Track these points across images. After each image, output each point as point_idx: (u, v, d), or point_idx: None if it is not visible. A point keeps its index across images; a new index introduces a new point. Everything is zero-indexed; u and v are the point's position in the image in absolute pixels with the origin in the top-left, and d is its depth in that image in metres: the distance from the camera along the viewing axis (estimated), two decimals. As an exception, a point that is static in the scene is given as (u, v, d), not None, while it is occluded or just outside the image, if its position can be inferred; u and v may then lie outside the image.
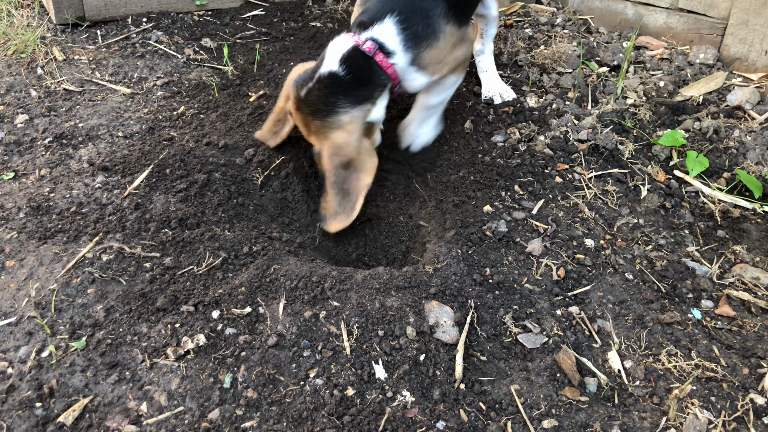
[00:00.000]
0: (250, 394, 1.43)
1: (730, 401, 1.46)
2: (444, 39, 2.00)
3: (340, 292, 1.67)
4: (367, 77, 1.95)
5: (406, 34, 1.95)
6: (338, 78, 1.92)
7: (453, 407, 1.42)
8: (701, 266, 1.83)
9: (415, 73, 2.01)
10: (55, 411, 1.39)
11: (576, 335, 1.61)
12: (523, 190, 2.07)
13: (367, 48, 1.93)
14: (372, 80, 1.96)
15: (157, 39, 3.04)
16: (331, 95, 1.93)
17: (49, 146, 2.28)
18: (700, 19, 2.82)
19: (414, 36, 1.95)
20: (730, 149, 2.25)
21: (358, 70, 1.93)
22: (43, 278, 1.71)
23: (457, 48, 2.07)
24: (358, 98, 1.95)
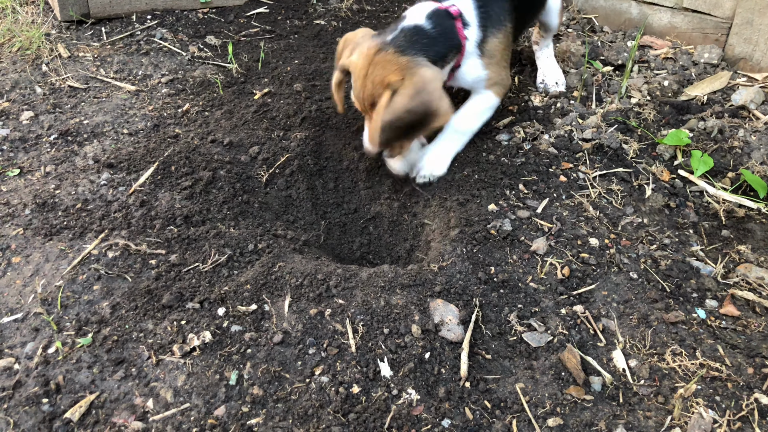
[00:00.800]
0: (256, 391, 1.44)
1: (734, 401, 1.46)
2: (505, 34, 2.08)
3: (345, 290, 1.67)
4: (450, 35, 2.00)
5: (482, 13, 2.05)
6: (423, 30, 1.96)
7: (458, 405, 1.43)
8: (706, 266, 1.84)
9: (476, 58, 2.08)
10: (61, 407, 1.40)
11: (581, 334, 1.62)
12: (527, 189, 2.07)
13: (453, 10, 2.01)
14: (452, 39, 2.01)
15: (161, 36, 3.04)
16: (417, 42, 1.93)
17: (55, 143, 2.28)
18: (704, 19, 2.81)
19: (487, 17, 2.05)
20: (735, 149, 2.25)
21: (442, 27, 1.98)
22: (49, 275, 1.72)
23: (507, 52, 2.12)
24: (438, 53, 1.97)
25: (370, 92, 1.90)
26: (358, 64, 1.92)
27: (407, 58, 1.88)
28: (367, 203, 2.25)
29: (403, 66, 1.86)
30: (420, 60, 1.89)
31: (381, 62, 1.88)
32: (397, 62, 1.87)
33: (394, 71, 1.86)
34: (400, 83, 1.84)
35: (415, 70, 1.86)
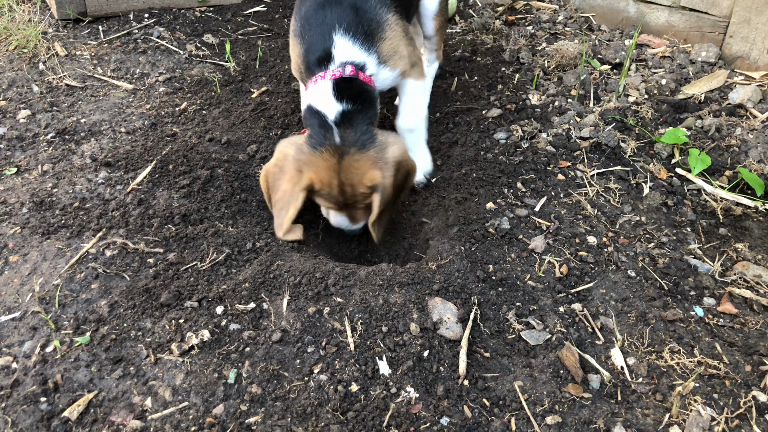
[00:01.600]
0: (255, 389, 1.43)
1: (732, 398, 1.47)
2: (390, 28, 1.95)
3: (343, 288, 1.67)
4: (368, 95, 1.89)
5: (360, 39, 1.89)
6: (351, 112, 1.83)
7: (457, 403, 1.43)
8: (703, 264, 1.84)
9: (382, 69, 1.96)
10: (59, 406, 1.40)
11: (579, 332, 1.62)
12: (525, 188, 2.07)
13: (349, 72, 1.86)
14: (372, 95, 1.90)
15: (158, 35, 3.04)
16: (360, 125, 1.84)
17: (52, 142, 2.28)
18: (702, 17, 2.82)
19: (366, 39, 1.90)
20: (732, 147, 2.26)
21: (360, 94, 1.86)
22: (46, 273, 1.72)
23: (408, 38, 2.03)
24: (374, 115, 1.90)
25: (350, 195, 1.86)
26: (325, 178, 1.82)
27: (371, 150, 1.83)
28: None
29: (374, 160, 1.83)
30: (380, 139, 1.85)
31: (352, 167, 1.82)
32: (366, 159, 1.82)
33: (369, 170, 1.82)
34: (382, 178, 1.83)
35: (388, 156, 1.85)
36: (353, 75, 1.86)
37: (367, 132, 1.84)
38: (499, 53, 2.95)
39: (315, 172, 1.82)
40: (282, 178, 1.87)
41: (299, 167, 1.83)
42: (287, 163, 1.86)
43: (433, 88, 2.69)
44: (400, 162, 1.87)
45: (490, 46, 3.02)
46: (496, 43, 3.07)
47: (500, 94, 2.61)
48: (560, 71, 2.77)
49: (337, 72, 1.85)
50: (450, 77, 2.77)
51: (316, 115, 1.84)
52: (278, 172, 1.88)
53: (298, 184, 1.83)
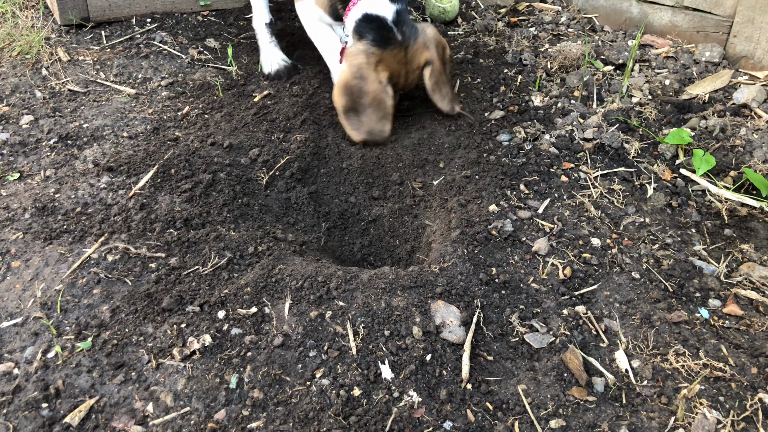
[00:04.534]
0: (257, 394, 1.43)
1: (738, 401, 1.45)
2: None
3: (345, 292, 1.67)
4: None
5: None
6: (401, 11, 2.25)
7: (460, 407, 1.42)
8: (708, 265, 1.83)
9: None
10: (61, 412, 1.39)
11: (583, 335, 1.61)
12: (528, 189, 2.06)
13: None
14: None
15: (161, 39, 3.04)
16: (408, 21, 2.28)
17: (54, 147, 2.28)
18: (705, 17, 2.80)
19: None
20: (737, 147, 2.24)
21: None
22: (48, 279, 1.71)
23: None
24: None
25: (413, 78, 2.35)
26: (397, 70, 2.29)
27: (420, 38, 2.30)
28: (367, 205, 2.24)
29: (423, 44, 2.31)
30: (419, 27, 2.32)
31: (413, 56, 2.30)
32: (419, 45, 2.30)
33: (423, 52, 2.31)
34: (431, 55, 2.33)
35: (428, 39, 2.32)
36: None
37: (413, 25, 2.30)
38: (501, 55, 2.94)
39: (391, 67, 2.25)
40: (366, 82, 2.23)
41: (378, 68, 2.23)
42: (365, 69, 2.23)
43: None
44: (437, 38, 2.36)
45: (493, 48, 3.01)
46: (499, 44, 3.06)
47: (503, 95, 2.60)
48: (563, 72, 2.76)
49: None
50: (453, 79, 2.76)
51: (375, 20, 2.23)
52: (360, 80, 2.23)
53: (383, 81, 2.24)
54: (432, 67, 2.32)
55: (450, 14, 3.36)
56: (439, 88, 2.36)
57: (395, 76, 2.28)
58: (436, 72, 2.33)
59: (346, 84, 2.25)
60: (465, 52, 2.99)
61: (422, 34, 2.31)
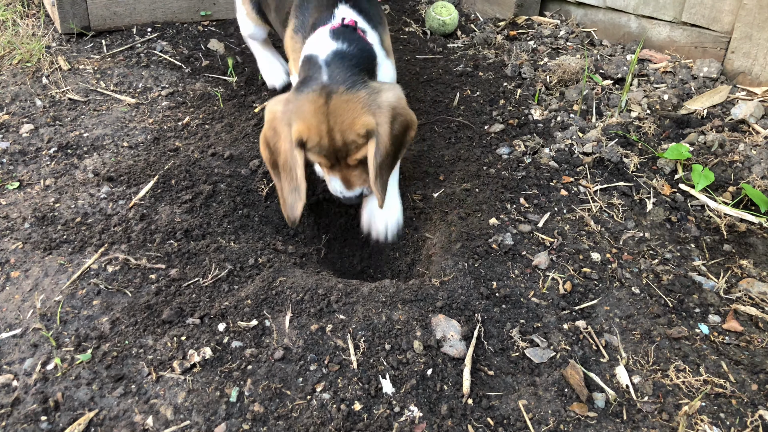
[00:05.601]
0: (257, 408, 1.42)
1: (739, 417, 1.45)
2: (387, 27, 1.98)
3: (346, 305, 1.66)
4: (363, 45, 1.80)
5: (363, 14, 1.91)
6: (344, 52, 1.73)
7: (461, 422, 1.41)
8: (708, 280, 1.83)
9: (384, 58, 1.92)
10: (60, 425, 1.38)
11: (583, 350, 1.61)
12: (528, 203, 2.07)
13: (348, 21, 1.82)
14: (369, 50, 1.82)
15: (161, 49, 3.05)
16: (352, 66, 1.71)
17: (54, 156, 2.28)
18: (703, 33, 2.83)
19: (368, 16, 1.92)
20: (735, 163, 2.25)
21: (354, 42, 1.77)
22: (48, 289, 1.71)
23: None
24: (370, 68, 1.79)
25: (341, 144, 1.69)
26: (312, 124, 1.66)
27: (362, 92, 1.67)
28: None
29: (365, 102, 1.66)
30: (372, 84, 1.72)
31: (340, 108, 1.65)
32: (357, 100, 1.66)
33: (361, 113, 1.66)
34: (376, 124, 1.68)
35: (381, 101, 1.69)
36: (353, 25, 1.83)
37: (359, 74, 1.69)
38: (500, 68, 2.95)
39: (302, 119, 1.66)
40: (278, 138, 1.72)
41: (288, 120, 1.68)
42: (277, 121, 1.71)
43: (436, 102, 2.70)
44: (396, 108, 1.69)
45: (492, 61, 3.03)
46: (498, 58, 3.08)
47: (502, 109, 2.61)
48: (562, 86, 2.78)
49: (336, 23, 1.82)
50: (452, 92, 2.78)
51: (307, 62, 1.74)
52: (273, 134, 1.73)
53: (292, 140, 1.67)
54: (376, 145, 1.66)
55: (449, 27, 3.38)
56: (380, 178, 1.71)
57: (312, 131, 1.66)
58: (382, 151, 1.67)
59: (264, 135, 1.77)
60: (464, 65, 3.01)
61: (370, 90, 1.68)
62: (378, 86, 1.72)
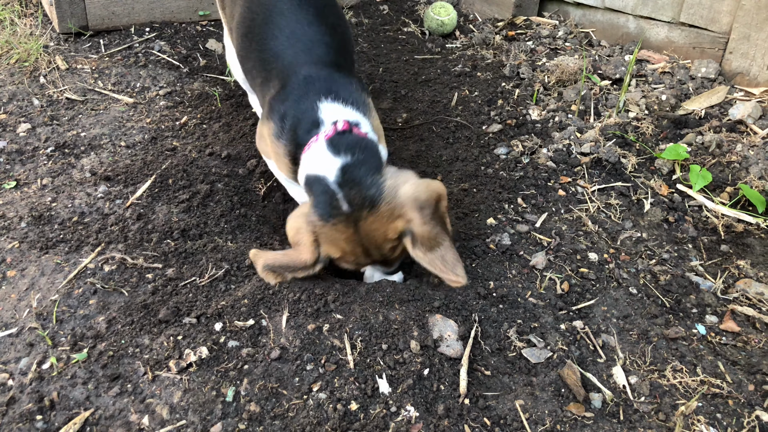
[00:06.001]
0: (253, 407, 1.42)
1: (736, 418, 1.45)
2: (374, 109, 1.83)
3: (343, 305, 1.66)
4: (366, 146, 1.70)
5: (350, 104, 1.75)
6: (352, 165, 1.65)
7: (457, 422, 1.41)
8: (705, 281, 1.83)
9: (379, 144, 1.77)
10: (55, 424, 1.38)
11: (580, 350, 1.61)
12: (526, 203, 2.07)
13: (342, 126, 1.69)
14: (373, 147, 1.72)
15: (160, 49, 3.04)
16: (364, 179, 1.63)
17: (52, 155, 2.27)
18: (701, 34, 2.83)
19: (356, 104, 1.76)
20: (733, 163, 2.25)
21: (357, 148, 1.67)
22: (44, 289, 1.70)
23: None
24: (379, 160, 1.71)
25: (380, 254, 1.69)
26: (348, 250, 1.67)
27: (383, 203, 1.62)
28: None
29: (390, 212, 1.63)
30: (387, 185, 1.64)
31: (371, 230, 1.64)
32: (383, 215, 1.62)
33: (389, 223, 1.63)
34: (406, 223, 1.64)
35: (403, 200, 1.63)
36: (347, 129, 1.69)
37: (373, 185, 1.62)
38: (499, 68, 2.95)
39: (334, 245, 1.66)
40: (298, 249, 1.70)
41: (315, 238, 1.66)
42: (301, 235, 1.68)
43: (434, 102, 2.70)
44: (418, 196, 1.64)
45: (491, 62, 3.03)
46: (496, 58, 3.08)
47: (500, 109, 2.61)
48: (560, 86, 2.78)
49: (329, 131, 1.68)
50: (450, 92, 2.78)
51: (316, 182, 1.66)
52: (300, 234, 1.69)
53: (316, 256, 1.67)
54: (412, 238, 1.63)
55: (448, 27, 3.38)
56: (435, 254, 1.65)
57: (347, 254, 1.68)
58: (425, 240, 1.63)
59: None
60: (462, 66, 3.01)
61: (389, 196, 1.62)
62: (393, 185, 1.65)
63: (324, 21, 1.91)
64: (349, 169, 1.63)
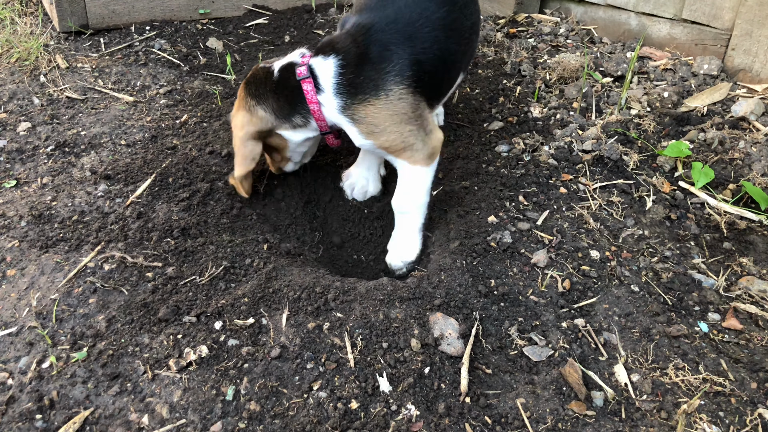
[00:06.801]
0: (253, 406, 1.41)
1: (738, 416, 1.44)
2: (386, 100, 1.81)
3: (343, 304, 1.66)
4: (291, 97, 1.90)
5: (341, 78, 1.83)
6: (270, 81, 1.93)
7: (458, 421, 1.40)
8: (707, 278, 1.82)
9: (349, 124, 1.86)
10: (55, 423, 1.38)
11: (582, 348, 1.60)
12: (527, 201, 2.06)
13: (299, 71, 1.87)
14: (294, 103, 1.91)
15: (160, 47, 3.04)
16: (257, 89, 1.95)
17: (52, 154, 2.27)
18: (704, 30, 2.81)
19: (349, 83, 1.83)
20: (736, 160, 2.24)
21: (284, 85, 1.91)
22: (44, 288, 1.70)
23: (409, 123, 1.83)
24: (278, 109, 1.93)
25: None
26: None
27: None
28: (365, 214, 2.23)
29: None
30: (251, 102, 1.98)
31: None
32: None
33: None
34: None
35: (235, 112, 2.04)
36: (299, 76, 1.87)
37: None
38: (500, 66, 2.94)
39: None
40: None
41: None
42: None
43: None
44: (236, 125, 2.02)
45: (492, 59, 3.02)
46: (498, 55, 3.06)
47: (502, 106, 2.60)
48: (562, 84, 2.76)
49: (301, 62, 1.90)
50: (451, 90, 2.76)
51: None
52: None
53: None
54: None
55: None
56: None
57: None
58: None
59: None
60: (464, 63, 2.99)
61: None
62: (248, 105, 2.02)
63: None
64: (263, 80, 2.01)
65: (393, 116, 1.81)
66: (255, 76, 1.98)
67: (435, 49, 1.87)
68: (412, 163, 1.88)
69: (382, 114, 1.81)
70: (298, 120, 1.94)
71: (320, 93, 1.86)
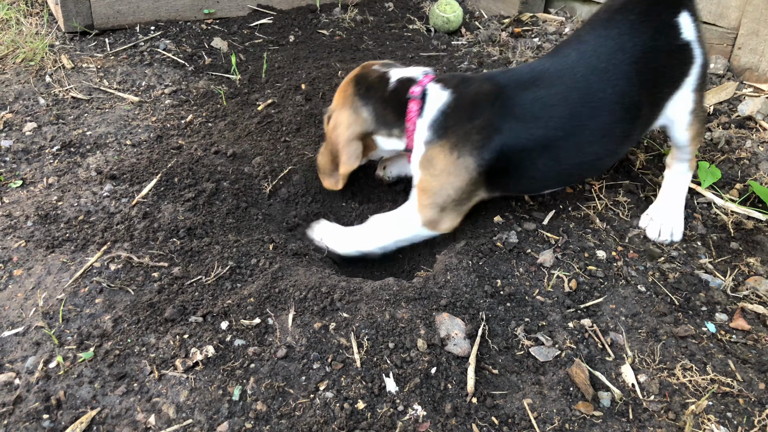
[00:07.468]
0: (260, 406, 1.41)
1: (746, 417, 1.44)
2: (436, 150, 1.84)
3: (349, 303, 1.65)
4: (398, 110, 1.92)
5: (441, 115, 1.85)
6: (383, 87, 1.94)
7: (465, 421, 1.40)
8: (714, 278, 1.81)
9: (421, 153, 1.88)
10: (62, 423, 1.38)
11: (589, 348, 1.59)
12: (533, 201, 2.05)
13: (413, 90, 1.89)
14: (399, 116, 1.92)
15: (165, 47, 3.04)
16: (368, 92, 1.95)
17: (57, 154, 2.27)
18: (710, 29, 2.80)
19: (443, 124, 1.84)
20: (742, 160, 2.23)
21: (396, 97, 1.91)
22: (50, 288, 1.70)
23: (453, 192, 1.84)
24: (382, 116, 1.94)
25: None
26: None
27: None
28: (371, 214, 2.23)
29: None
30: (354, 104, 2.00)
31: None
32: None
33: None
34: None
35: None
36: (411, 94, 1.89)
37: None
38: (505, 65, 2.94)
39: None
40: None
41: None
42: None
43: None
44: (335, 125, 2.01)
45: (497, 58, 3.02)
46: (503, 55, 3.06)
47: (507, 106, 2.59)
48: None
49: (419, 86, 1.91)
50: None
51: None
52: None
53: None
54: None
55: (453, 24, 3.37)
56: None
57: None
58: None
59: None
60: (469, 63, 2.99)
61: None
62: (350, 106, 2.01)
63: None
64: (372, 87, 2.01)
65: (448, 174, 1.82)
66: (365, 78, 1.98)
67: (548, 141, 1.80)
68: (418, 209, 1.89)
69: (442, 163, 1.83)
70: (396, 131, 1.95)
71: (420, 117, 1.88)
